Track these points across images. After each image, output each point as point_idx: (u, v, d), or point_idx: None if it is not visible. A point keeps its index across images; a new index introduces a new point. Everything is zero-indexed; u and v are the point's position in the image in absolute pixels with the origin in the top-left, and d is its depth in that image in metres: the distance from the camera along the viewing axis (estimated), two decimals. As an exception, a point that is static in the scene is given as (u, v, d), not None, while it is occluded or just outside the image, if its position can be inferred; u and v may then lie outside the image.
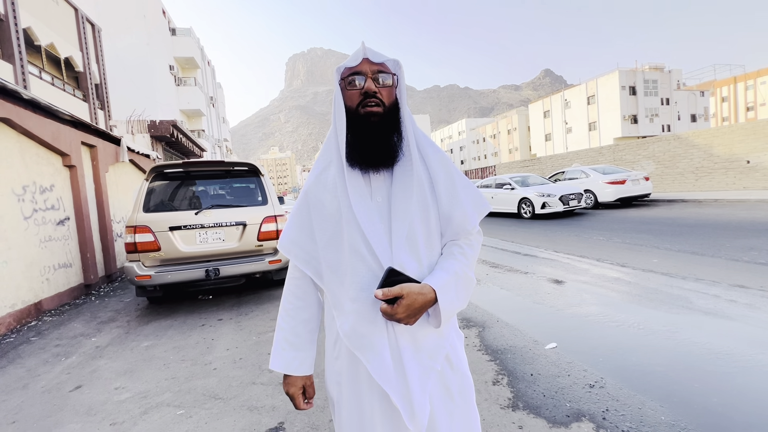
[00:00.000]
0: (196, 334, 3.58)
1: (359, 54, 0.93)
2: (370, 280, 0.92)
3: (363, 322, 0.92)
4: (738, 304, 3.22)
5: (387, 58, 0.94)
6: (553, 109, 49.43)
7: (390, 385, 0.90)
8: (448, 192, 0.96)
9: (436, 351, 0.95)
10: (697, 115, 46.50)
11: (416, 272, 0.92)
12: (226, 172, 4.71)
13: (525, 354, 2.66)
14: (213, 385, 2.56)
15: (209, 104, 31.33)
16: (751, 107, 56.97)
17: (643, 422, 1.83)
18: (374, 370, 0.91)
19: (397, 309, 0.83)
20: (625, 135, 40.12)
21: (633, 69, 42.80)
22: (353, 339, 0.94)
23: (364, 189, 0.94)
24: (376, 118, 0.92)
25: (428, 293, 0.87)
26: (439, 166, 0.97)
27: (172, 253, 4.13)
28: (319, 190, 0.99)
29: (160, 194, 4.41)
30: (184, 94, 24.16)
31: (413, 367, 0.91)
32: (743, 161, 12.64)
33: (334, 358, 1.01)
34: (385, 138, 0.93)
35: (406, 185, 0.93)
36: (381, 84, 0.93)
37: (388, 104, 0.93)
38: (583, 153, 18.87)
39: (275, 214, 4.51)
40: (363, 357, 0.92)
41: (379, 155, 0.93)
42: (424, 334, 0.94)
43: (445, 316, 0.90)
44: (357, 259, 0.92)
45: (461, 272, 0.94)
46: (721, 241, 5.59)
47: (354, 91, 0.93)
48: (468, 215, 0.98)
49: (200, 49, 28.95)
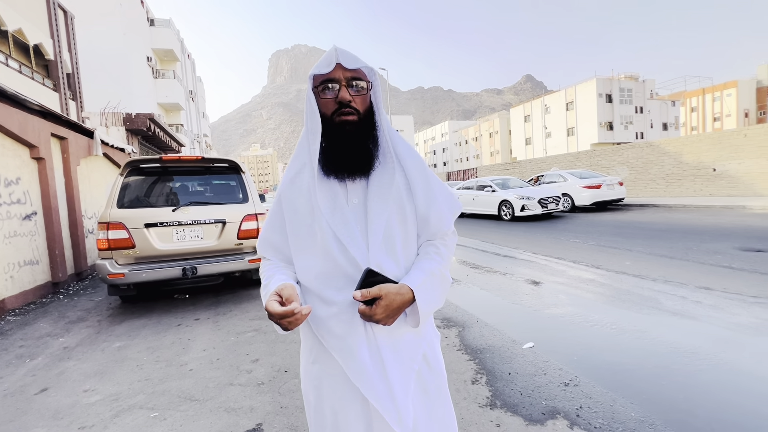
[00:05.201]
0: (171, 334, 3.49)
1: (332, 59, 0.89)
2: (346, 282, 0.91)
3: (340, 323, 0.92)
4: (703, 305, 3.38)
5: (362, 64, 0.91)
6: (534, 114, 50.55)
7: (370, 387, 0.89)
8: (425, 194, 0.97)
9: (415, 350, 0.96)
10: (669, 124, 48.53)
11: (394, 273, 0.92)
12: (206, 169, 4.60)
13: (503, 353, 2.71)
14: (189, 386, 2.50)
15: (188, 98, 30.53)
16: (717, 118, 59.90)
17: (615, 419, 1.89)
18: (353, 372, 0.90)
19: (376, 310, 0.84)
20: (602, 141, 41.45)
21: (610, 77, 44.24)
22: (330, 341, 0.93)
23: (339, 192, 0.94)
24: (351, 127, 0.90)
25: (406, 293, 0.87)
26: (415, 168, 0.98)
27: (147, 250, 4.00)
28: (293, 195, 0.98)
29: (135, 190, 4.27)
30: (162, 87, 23.45)
31: (394, 367, 0.91)
32: (710, 169, 13.27)
33: (310, 363, 1.00)
34: (362, 145, 0.92)
35: (383, 188, 0.94)
36: (356, 91, 0.91)
37: (363, 111, 0.92)
38: (562, 158, 19.38)
39: (256, 212, 4.44)
40: (340, 358, 0.92)
41: (355, 163, 0.93)
42: (401, 334, 0.94)
43: (423, 316, 0.91)
44: (332, 262, 0.92)
45: (437, 272, 0.95)
46: (689, 245, 5.85)
47: (328, 99, 0.91)
48: (444, 216, 0.99)
49: (180, 42, 28.18)
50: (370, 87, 0.94)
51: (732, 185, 12.65)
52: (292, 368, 2.65)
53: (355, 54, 0.91)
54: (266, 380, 2.51)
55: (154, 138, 12.07)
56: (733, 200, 11.22)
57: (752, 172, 12.13)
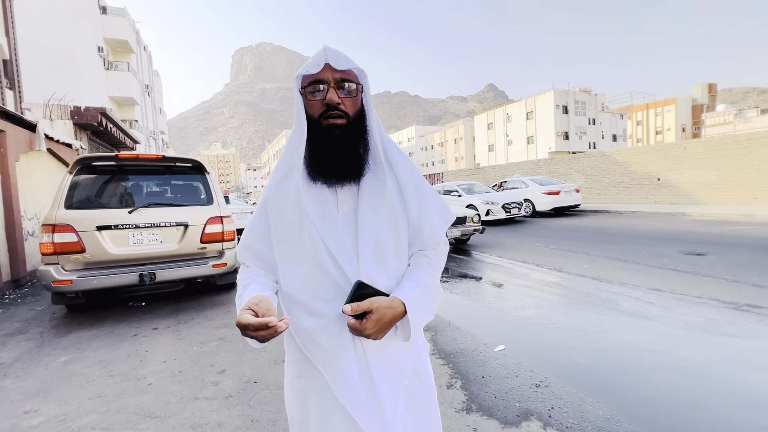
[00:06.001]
0: (126, 346, 3.23)
1: (320, 59, 0.85)
2: (335, 294, 0.87)
3: (327, 336, 0.88)
4: (655, 306, 3.63)
5: (352, 65, 0.86)
6: (496, 122, 52.51)
7: (358, 405, 0.85)
8: (417, 202, 0.94)
9: (405, 364, 0.93)
10: (618, 136, 52.19)
11: (385, 284, 0.89)
12: (167, 169, 4.34)
13: (476, 357, 2.75)
14: (148, 402, 2.32)
15: (144, 92, 28.86)
16: (659, 131, 65.40)
17: (584, 418, 1.97)
18: (340, 389, 0.86)
19: (366, 325, 0.80)
20: (558, 150, 43.79)
21: (566, 90, 46.92)
22: (316, 354, 0.89)
23: (329, 198, 0.90)
24: (339, 131, 0.86)
25: (397, 307, 0.84)
26: (407, 175, 0.94)
27: (99, 255, 3.70)
28: (280, 199, 0.93)
29: (86, 189, 3.94)
30: (114, 80, 21.98)
31: (384, 384, 0.87)
32: (655, 178, 14.38)
33: (296, 376, 0.95)
34: (350, 150, 0.88)
35: (374, 195, 0.90)
36: (345, 93, 0.86)
37: (353, 114, 0.88)
38: (523, 164, 20.25)
39: (221, 215, 4.24)
40: (327, 373, 0.88)
41: (344, 168, 0.88)
42: (391, 347, 0.91)
43: (414, 329, 0.88)
44: (321, 272, 0.88)
45: (429, 283, 0.93)
46: (639, 249, 6.28)
47: (315, 101, 0.86)
48: (436, 225, 0.96)
49: (135, 33, 26.59)
50: (361, 89, 0.89)
51: (674, 194, 13.77)
52: (262, 379, 2.53)
53: (346, 54, 0.86)
54: (234, 392, 2.38)
55: (106, 134, 11.26)
56: (676, 207, 12.22)
57: (691, 182, 13.28)
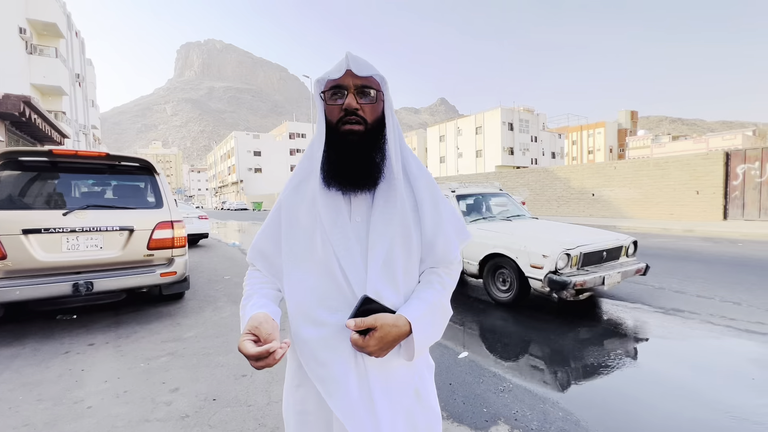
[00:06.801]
0: (57, 365, 2.86)
1: (342, 65, 0.85)
2: (340, 304, 0.85)
3: (327, 349, 0.85)
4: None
5: (374, 72, 0.86)
6: (448, 135, 54.58)
7: (355, 422, 0.83)
8: (432, 218, 0.92)
9: (407, 385, 0.91)
10: (556, 153, 56.69)
11: (393, 301, 0.86)
12: (110, 168, 3.96)
13: (441, 364, 2.80)
14: (89, 427, 2.06)
15: (74, 82, 26.28)
16: (591, 151, 72.09)
17: (547, 420, 2.08)
18: (337, 405, 0.83)
19: (369, 341, 0.78)
20: (504, 164, 46.50)
21: (511, 108, 50.11)
22: (314, 368, 0.86)
23: (342, 207, 0.89)
24: (355, 137, 0.85)
25: (403, 326, 0.82)
26: (424, 189, 0.93)
27: (24, 262, 3.26)
28: (295, 204, 0.91)
29: (9, 187, 3.46)
30: (38, 66, 19.74)
31: (384, 404, 0.85)
32: (590, 194, 15.77)
33: (295, 386, 0.92)
34: (366, 158, 0.87)
35: (388, 207, 0.89)
36: (365, 100, 0.86)
37: (371, 122, 0.86)
38: (473, 177, 21.24)
39: (172, 220, 3.94)
40: (323, 389, 0.84)
41: (358, 176, 0.87)
42: (394, 366, 0.88)
43: (419, 350, 0.86)
44: (328, 280, 0.86)
45: (438, 303, 0.90)
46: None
47: (334, 106, 0.86)
48: (451, 243, 0.93)
49: (66, 16, 24.26)
50: (382, 97, 0.89)
51: (606, 208, 15.19)
52: (222, 396, 2.37)
53: (368, 61, 0.85)
54: (191, 412, 2.20)
55: (29, 125, 10.03)
56: (608, 221, 13.48)
57: (620, 198, 14.74)
